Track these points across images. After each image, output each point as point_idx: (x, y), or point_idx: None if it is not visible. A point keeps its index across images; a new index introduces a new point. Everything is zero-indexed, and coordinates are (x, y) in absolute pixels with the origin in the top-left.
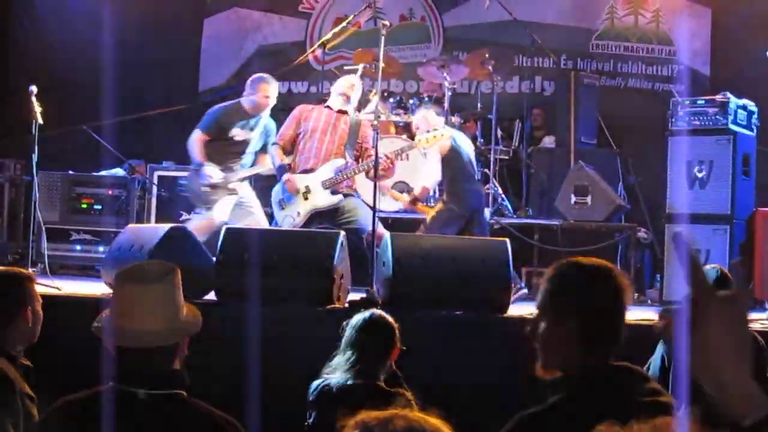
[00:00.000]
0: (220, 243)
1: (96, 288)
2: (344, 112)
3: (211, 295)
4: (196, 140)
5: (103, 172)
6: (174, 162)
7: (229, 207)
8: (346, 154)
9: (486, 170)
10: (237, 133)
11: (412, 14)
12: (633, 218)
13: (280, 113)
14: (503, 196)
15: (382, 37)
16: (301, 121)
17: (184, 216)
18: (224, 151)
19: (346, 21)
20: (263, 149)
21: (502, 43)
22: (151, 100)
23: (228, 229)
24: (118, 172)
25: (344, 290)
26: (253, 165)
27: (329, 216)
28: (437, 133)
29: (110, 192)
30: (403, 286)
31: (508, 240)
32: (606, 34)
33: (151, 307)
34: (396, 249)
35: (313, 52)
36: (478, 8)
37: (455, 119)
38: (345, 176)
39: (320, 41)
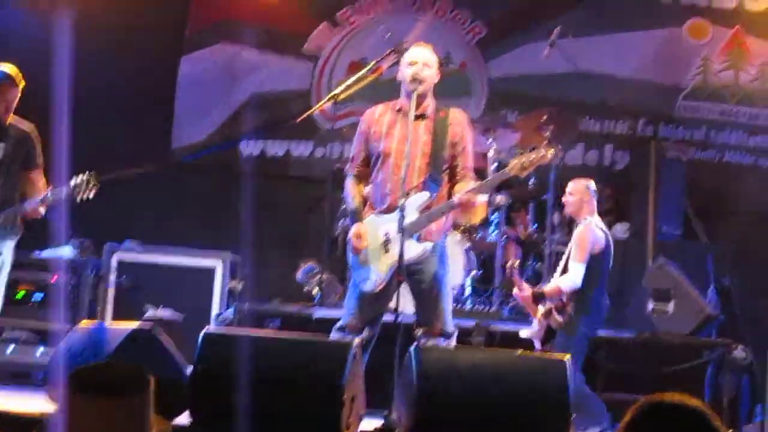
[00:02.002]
0: (198, 350)
1: (35, 402)
2: (423, 117)
3: (184, 417)
4: None
5: (47, 252)
6: (139, 241)
7: None
8: (428, 182)
9: (538, 265)
10: None
11: (449, 60)
12: (728, 332)
13: (272, 183)
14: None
15: (414, 91)
16: (370, 137)
17: (151, 310)
18: None
19: (366, 68)
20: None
21: (564, 102)
22: (112, 159)
23: (208, 334)
24: (66, 251)
25: (356, 416)
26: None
27: (413, 274)
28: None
29: (55, 278)
30: (431, 410)
31: (567, 357)
32: (698, 94)
33: (115, 429)
34: (424, 362)
35: (321, 105)
36: (535, 56)
37: (501, 199)
38: (429, 218)
39: (331, 93)
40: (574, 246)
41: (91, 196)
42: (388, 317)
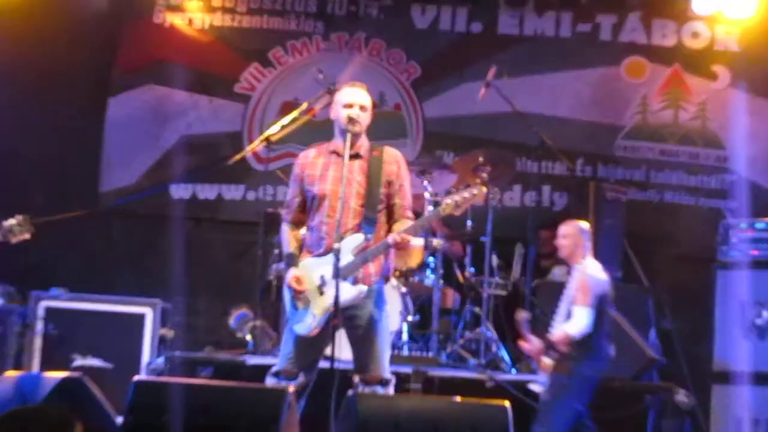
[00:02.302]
0: (128, 399)
1: None
2: (357, 156)
3: None
4: None
5: None
6: (66, 288)
7: None
8: (362, 224)
9: (477, 309)
10: None
11: (383, 101)
12: (669, 376)
13: (203, 228)
14: (499, 343)
15: (348, 132)
16: (304, 180)
17: (79, 360)
18: None
19: (299, 109)
20: None
21: (501, 142)
22: (38, 204)
23: (139, 383)
24: None
25: None
26: None
27: (349, 318)
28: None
29: None
30: None
31: (507, 403)
32: (636, 134)
33: None
34: (361, 410)
35: (253, 147)
36: (470, 97)
37: (437, 242)
38: (363, 260)
39: (264, 135)
40: (577, 291)
41: (26, 237)
42: (324, 363)
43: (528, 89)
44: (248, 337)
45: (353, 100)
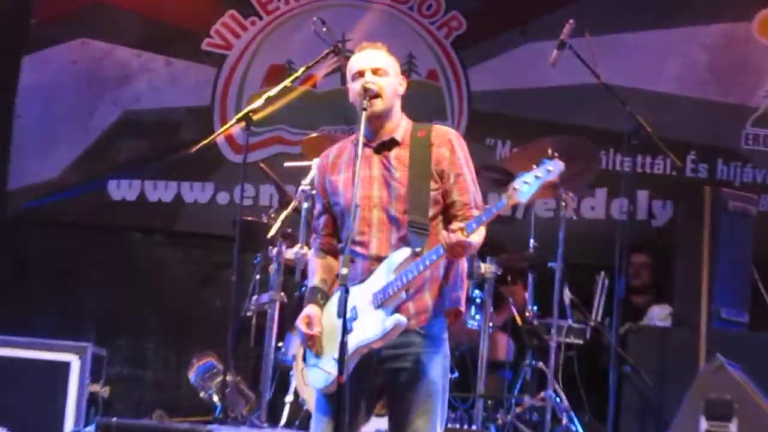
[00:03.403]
0: None
1: None
2: (389, 145)
3: None
4: None
5: None
6: None
7: None
8: (408, 236)
9: (540, 364)
10: None
11: (411, 66)
12: None
13: (155, 242)
14: (571, 413)
15: (363, 110)
16: (327, 190)
17: None
18: None
19: (293, 76)
20: None
21: (579, 128)
22: None
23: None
24: None
25: None
26: None
27: (387, 362)
28: None
29: None
30: None
31: None
32: None
33: None
34: None
35: (228, 129)
36: (534, 63)
37: (486, 268)
38: (403, 280)
39: (243, 111)
40: None
41: None
42: None
43: (618, 53)
44: (215, 399)
45: (362, 65)
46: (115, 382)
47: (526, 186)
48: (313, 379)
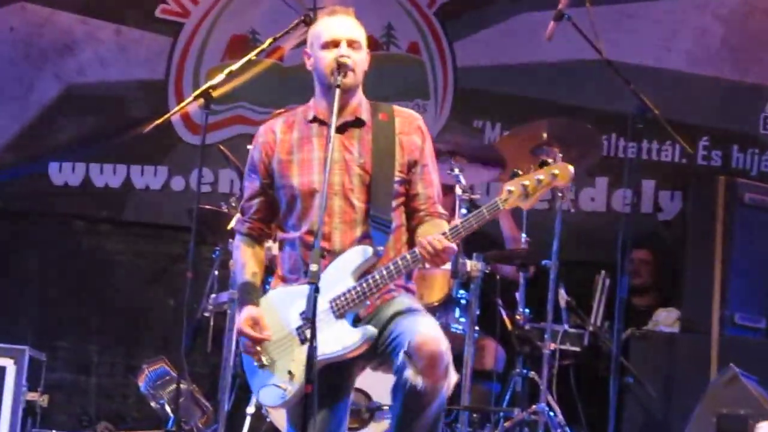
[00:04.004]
0: None
1: None
2: (352, 126)
3: None
4: None
5: None
6: None
7: None
8: (368, 235)
9: (533, 374)
10: None
11: (390, 38)
12: None
13: (101, 233)
14: (567, 429)
15: (338, 86)
16: (271, 168)
17: None
18: None
19: (258, 49)
20: None
21: (577, 109)
22: None
23: None
24: None
25: None
26: None
27: (371, 357)
28: None
29: None
30: None
31: None
32: None
33: None
34: None
35: (184, 107)
36: (528, 36)
37: (474, 265)
38: (372, 287)
39: (202, 88)
40: None
41: None
42: None
43: (622, 25)
44: (168, 409)
45: (337, 34)
46: (55, 389)
47: (521, 190)
48: (264, 395)
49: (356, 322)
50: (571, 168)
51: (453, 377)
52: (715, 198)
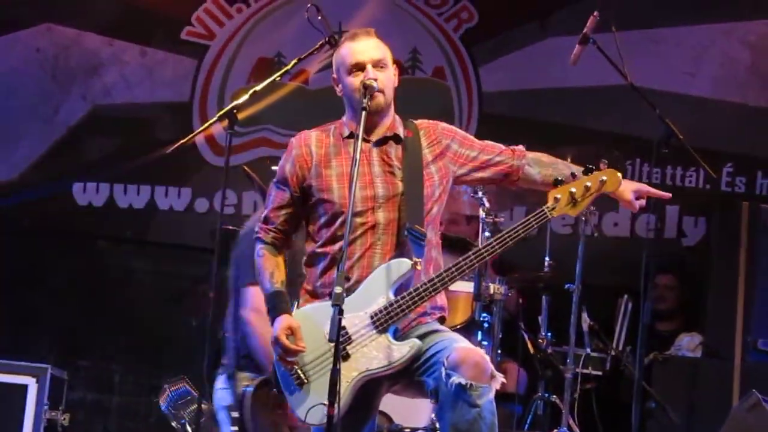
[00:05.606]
0: None
1: None
2: (391, 140)
3: None
4: None
5: None
6: None
7: None
8: (408, 246)
9: (554, 398)
10: None
11: (416, 62)
12: None
13: (124, 253)
14: None
15: (363, 109)
16: (303, 180)
17: None
18: None
19: (283, 70)
20: None
21: (603, 134)
22: None
23: None
24: None
25: None
26: None
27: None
28: None
29: None
30: None
31: None
32: None
33: None
34: None
35: (208, 127)
36: (554, 60)
37: (497, 289)
38: (414, 299)
39: (226, 108)
40: None
41: None
42: None
43: (649, 51)
44: (189, 429)
45: (361, 58)
46: (76, 408)
47: (568, 197)
48: (312, 415)
49: (396, 336)
50: (619, 174)
51: (499, 378)
52: (739, 224)
